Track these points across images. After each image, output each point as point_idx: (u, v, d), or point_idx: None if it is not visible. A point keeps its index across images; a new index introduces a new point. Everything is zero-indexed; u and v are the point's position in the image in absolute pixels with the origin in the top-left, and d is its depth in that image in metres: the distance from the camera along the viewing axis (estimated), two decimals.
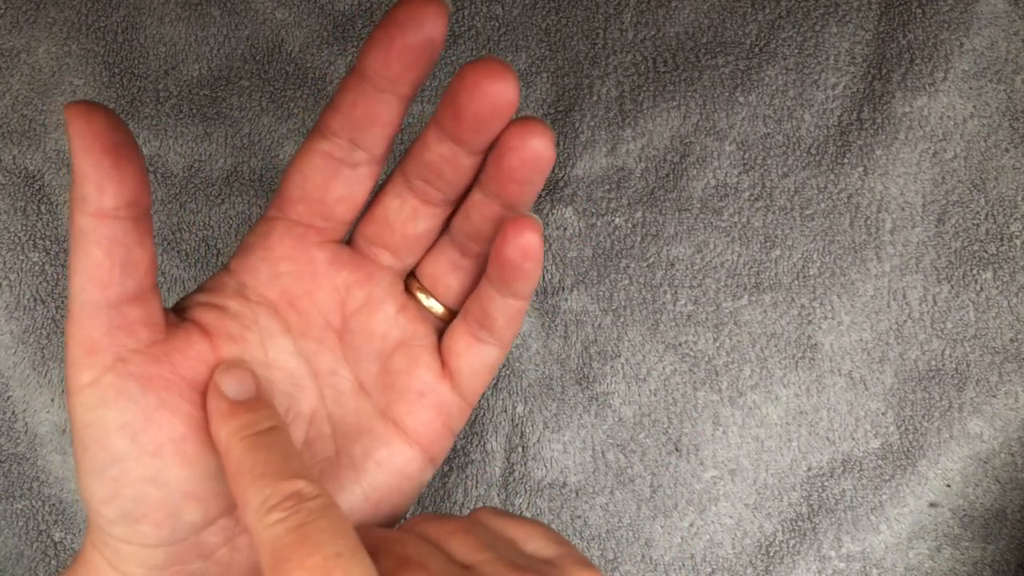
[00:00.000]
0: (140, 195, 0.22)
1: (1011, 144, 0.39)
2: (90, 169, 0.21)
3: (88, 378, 0.22)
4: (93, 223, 0.21)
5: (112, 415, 0.22)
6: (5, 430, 0.41)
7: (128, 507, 0.22)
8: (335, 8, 0.41)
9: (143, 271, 0.22)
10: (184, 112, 0.40)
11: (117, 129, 0.21)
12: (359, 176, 0.24)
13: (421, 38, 0.21)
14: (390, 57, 0.22)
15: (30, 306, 0.40)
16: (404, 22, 0.21)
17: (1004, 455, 0.39)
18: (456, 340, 0.26)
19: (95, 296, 0.22)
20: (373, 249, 0.26)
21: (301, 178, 0.24)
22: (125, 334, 0.22)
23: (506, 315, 0.25)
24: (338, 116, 0.23)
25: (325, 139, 0.24)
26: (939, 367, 0.39)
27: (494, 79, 0.21)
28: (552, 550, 0.23)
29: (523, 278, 0.24)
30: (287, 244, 0.25)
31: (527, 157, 0.22)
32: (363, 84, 0.22)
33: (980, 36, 0.39)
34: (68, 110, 0.21)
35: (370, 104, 0.23)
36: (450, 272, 0.26)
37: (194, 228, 0.41)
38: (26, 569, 0.41)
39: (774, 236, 0.39)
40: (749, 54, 0.39)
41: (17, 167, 0.40)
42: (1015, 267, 0.38)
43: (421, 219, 0.25)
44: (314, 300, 0.25)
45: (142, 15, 0.41)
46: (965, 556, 0.39)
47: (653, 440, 0.40)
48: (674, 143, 0.40)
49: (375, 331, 0.26)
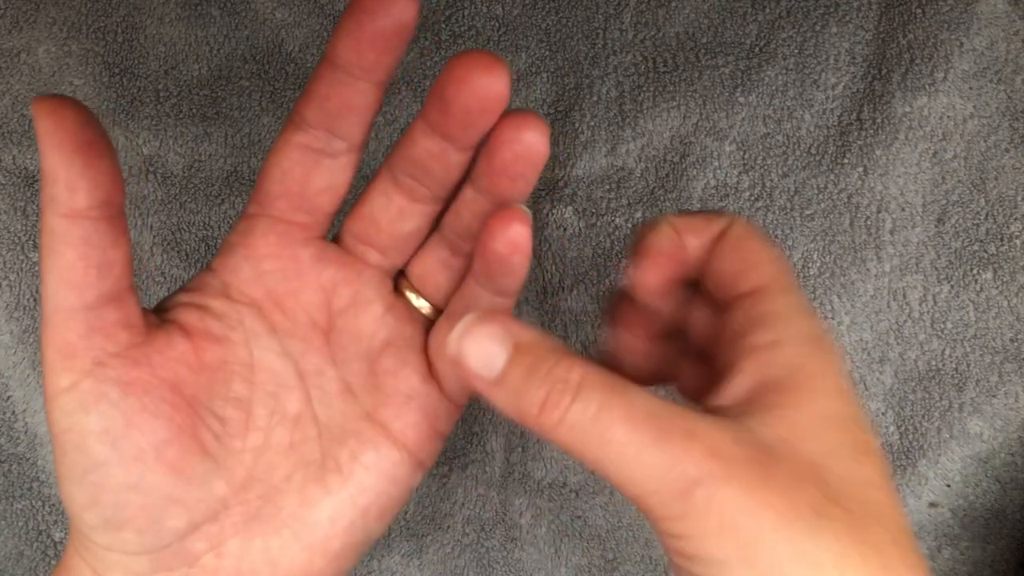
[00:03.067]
0: (113, 194, 0.21)
1: (1011, 144, 0.39)
2: (60, 168, 0.20)
3: (66, 382, 0.22)
4: (65, 224, 0.21)
5: (91, 420, 0.22)
6: (5, 430, 0.41)
7: (109, 513, 0.22)
8: (335, 8, 0.41)
9: (119, 272, 0.22)
10: (184, 112, 0.40)
11: (88, 125, 0.20)
12: (339, 165, 0.23)
13: (391, 23, 0.21)
14: (361, 45, 0.21)
15: (30, 306, 0.40)
16: (373, 7, 0.21)
17: (1004, 455, 0.39)
18: (441, 340, 0.25)
19: (70, 299, 0.21)
20: (360, 247, 0.25)
21: (280, 172, 0.23)
22: (103, 337, 0.22)
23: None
24: (312, 107, 0.22)
25: (301, 131, 0.23)
26: (939, 367, 0.39)
27: (483, 72, 0.21)
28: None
29: (510, 273, 0.23)
30: (270, 241, 0.24)
31: (519, 151, 0.22)
32: (335, 73, 0.22)
33: (980, 36, 0.39)
34: (36, 106, 0.20)
35: (345, 94, 0.22)
36: (440, 271, 0.25)
37: (194, 228, 0.41)
38: (26, 569, 0.41)
39: (774, 236, 0.39)
40: (749, 54, 0.39)
41: (17, 167, 0.40)
42: (1015, 267, 0.38)
43: (408, 217, 0.24)
44: (299, 299, 0.25)
45: (142, 15, 0.41)
46: (965, 556, 0.39)
47: None
48: (674, 143, 0.40)
49: (362, 331, 0.25)
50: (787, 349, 0.21)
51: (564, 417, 0.20)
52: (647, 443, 0.19)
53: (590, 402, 0.20)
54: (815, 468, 0.19)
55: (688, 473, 0.19)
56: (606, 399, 0.20)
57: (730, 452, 0.19)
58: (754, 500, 0.19)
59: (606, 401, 0.20)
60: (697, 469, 0.19)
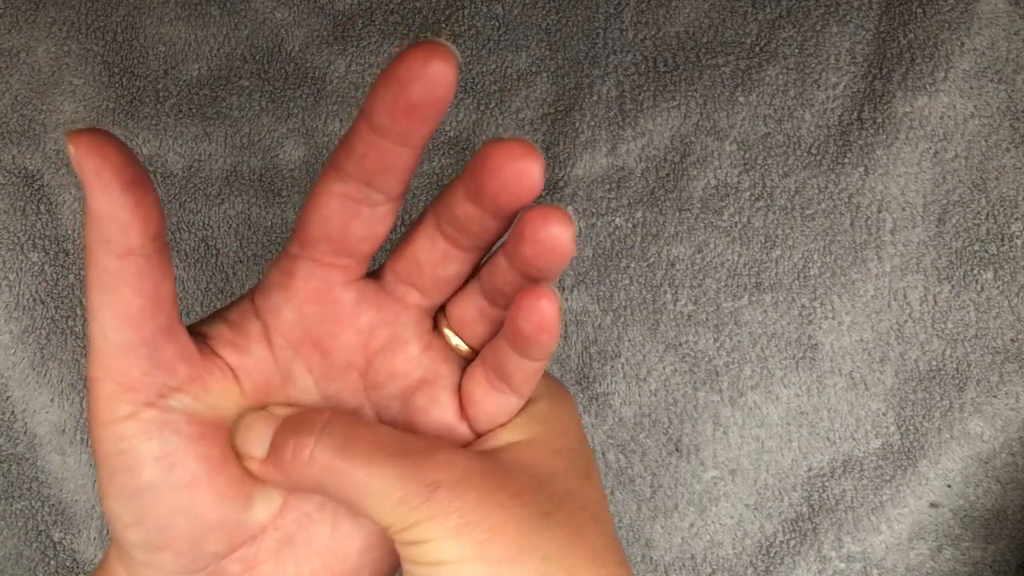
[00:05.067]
0: (161, 227, 0.21)
1: (1012, 144, 0.39)
2: (112, 209, 0.20)
3: (125, 412, 0.22)
4: (120, 263, 0.21)
5: (151, 446, 0.22)
6: (4, 430, 0.41)
7: (153, 535, 0.23)
8: (335, 8, 0.41)
9: (170, 304, 0.22)
10: (184, 112, 0.40)
11: (130, 161, 0.20)
12: (379, 215, 0.23)
13: (427, 96, 0.20)
14: (396, 114, 0.21)
15: (29, 306, 0.40)
16: (407, 80, 0.20)
17: (1005, 455, 0.39)
18: (474, 387, 0.25)
19: (129, 335, 0.22)
20: (401, 287, 0.25)
21: (320, 218, 0.24)
22: (165, 373, 0.23)
23: (523, 373, 0.24)
24: (351, 161, 0.22)
25: (341, 181, 0.23)
26: (940, 367, 0.39)
27: (517, 160, 0.21)
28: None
29: (537, 348, 0.23)
30: (311, 286, 0.24)
31: (541, 250, 0.22)
32: (372, 135, 0.22)
33: (981, 36, 0.39)
34: (75, 145, 0.20)
35: (381, 155, 0.22)
36: (478, 319, 0.26)
37: (194, 228, 0.40)
38: (25, 569, 0.41)
39: (774, 236, 0.39)
40: (749, 54, 0.39)
41: (17, 167, 0.40)
42: (1016, 267, 0.38)
43: (451, 262, 0.25)
44: (338, 341, 0.25)
45: (142, 15, 0.41)
46: (966, 556, 0.39)
47: (653, 440, 0.39)
48: (674, 143, 0.39)
49: (397, 371, 0.25)
50: (535, 399, 0.25)
51: (311, 455, 0.22)
52: (387, 460, 0.22)
53: (333, 438, 0.22)
54: (545, 482, 0.23)
55: (430, 476, 0.21)
56: (351, 431, 0.23)
57: (469, 464, 0.22)
58: (490, 502, 0.21)
59: (351, 432, 0.22)
60: (438, 473, 0.21)
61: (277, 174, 0.41)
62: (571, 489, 0.23)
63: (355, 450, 0.22)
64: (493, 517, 0.21)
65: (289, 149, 0.41)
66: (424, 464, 0.22)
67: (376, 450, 0.22)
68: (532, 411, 0.25)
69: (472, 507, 0.21)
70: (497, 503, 0.21)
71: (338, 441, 0.22)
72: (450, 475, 0.21)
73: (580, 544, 0.22)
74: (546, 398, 0.26)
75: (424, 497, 0.21)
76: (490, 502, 0.21)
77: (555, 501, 0.23)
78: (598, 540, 0.23)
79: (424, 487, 0.21)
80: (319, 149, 0.41)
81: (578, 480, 0.24)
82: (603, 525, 0.23)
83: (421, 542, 0.21)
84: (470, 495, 0.21)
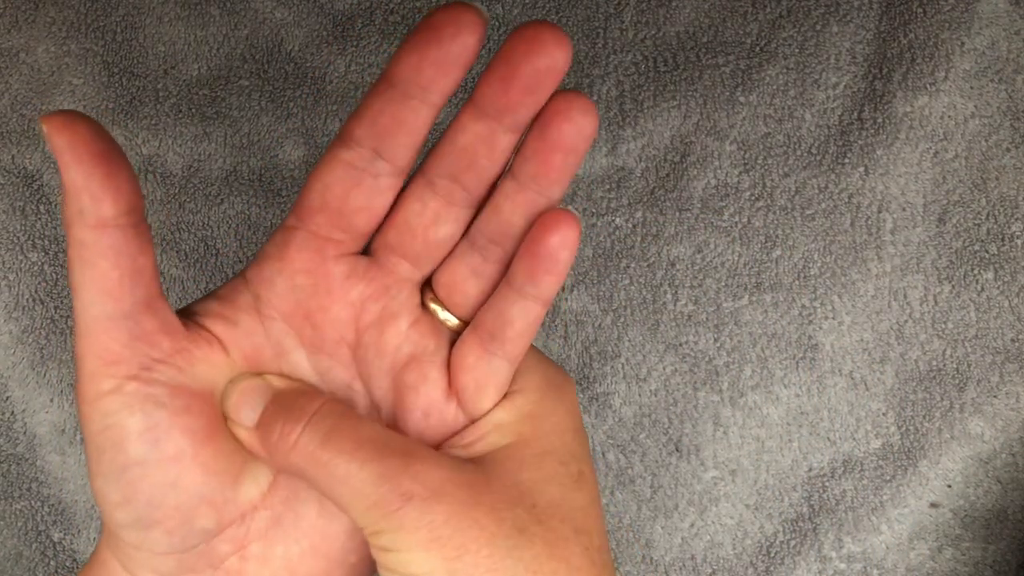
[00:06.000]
0: (136, 201, 0.22)
1: (1012, 144, 0.39)
2: (83, 181, 0.21)
3: (108, 386, 0.22)
4: (95, 235, 0.21)
5: (136, 420, 0.22)
6: (4, 431, 0.41)
7: (142, 512, 0.23)
8: (335, 8, 0.41)
9: (148, 278, 0.22)
10: (183, 112, 0.40)
11: (101, 136, 0.21)
12: (380, 187, 0.24)
13: (458, 46, 0.21)
14: (424, 63, 0.21)
15: (29, 306, 0.40)
16: (440, 28, 0.21)
17: (1005, 455, 0.39)
18: (465, 353, 0.25)
19: (109, 308, 0.22)
20: (392, 259, 0.25)
21: (321, 187, 0.24)
22: (147, 345, 0.23)
23: (525, 320, 0.24)
24: (363, 124, 0.23)
25: (348, 148, 0.23)
26: (940, 367, 0.39)
27: (554, 35, 0.21)
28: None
29: (555, 270, 0.23)
30: (304, 257, 0.25)
31: (572, 128, 0.22)
32: (391, 91, 0.22)
33: (981, 36, 0.39)
34: (48, 124, 0.20)
35: (397, 111, 0.22)
36: (469, 278, 0.25)
37: (193, 228, 0.40)
38: (25, 569, 0.41)
39: (775, 236, 0.39)
40: (750, 53, 0.39)
41: (16, 167, 0.40)
42: (1016, 267, 0.38)
43: (443, 223, 0.25)
44: (328, 315, 0.25)
45: (141, 15, 0.41)
46: (966, 556, 0.39)
47: (653, 440, 0.39)
48: (674, 143, 0.39)
49: (387, 346, 0.25)
50: (526, 395, 0.25)
51: (297, 441, 0.22)
52: (368, 459, 0.22)
53: (320, 428, 0.22)
54: (528, 493, 0.23)
55: (403, 487, 0.21)
56: (336, 424, 0.22)
57: (445, 474, 0.22)
58: (463, 518, 0.21)
59: (336, 426, 0.22)
60: (412, 484, 0.21)
61: (277, 174, 0.41)
62: (555, 499, 0.23)
63: (339, 444, 0.22)
64: (464, 535, 0.21)
65: (289, 149, 0.41)
66: (402, 471, 0.22)
67: (359, 447, 0.22)
68: (522, 407, 0.25)
69: (442, 523, 0.21)
70: (470, 520, 0.21)
71: (324, 432, 0.22)
72: (424, 487, 0.21)
73: (553, 562, 0.22)
74: (538, 390, 0.25)
75: (396, 506, 0.21)
76: (462, 518, 0.21)
77: (534, 515, 0.22)
78: (575, 556, 0.23)
79: (398, 496, 0.21)
80: (319, 149, 0.41)
81: (567, 485, 0.24)
82: (586, 537, 0.23)
83: (391, 550, 0.21)
84: (441, 510, 0.21)
